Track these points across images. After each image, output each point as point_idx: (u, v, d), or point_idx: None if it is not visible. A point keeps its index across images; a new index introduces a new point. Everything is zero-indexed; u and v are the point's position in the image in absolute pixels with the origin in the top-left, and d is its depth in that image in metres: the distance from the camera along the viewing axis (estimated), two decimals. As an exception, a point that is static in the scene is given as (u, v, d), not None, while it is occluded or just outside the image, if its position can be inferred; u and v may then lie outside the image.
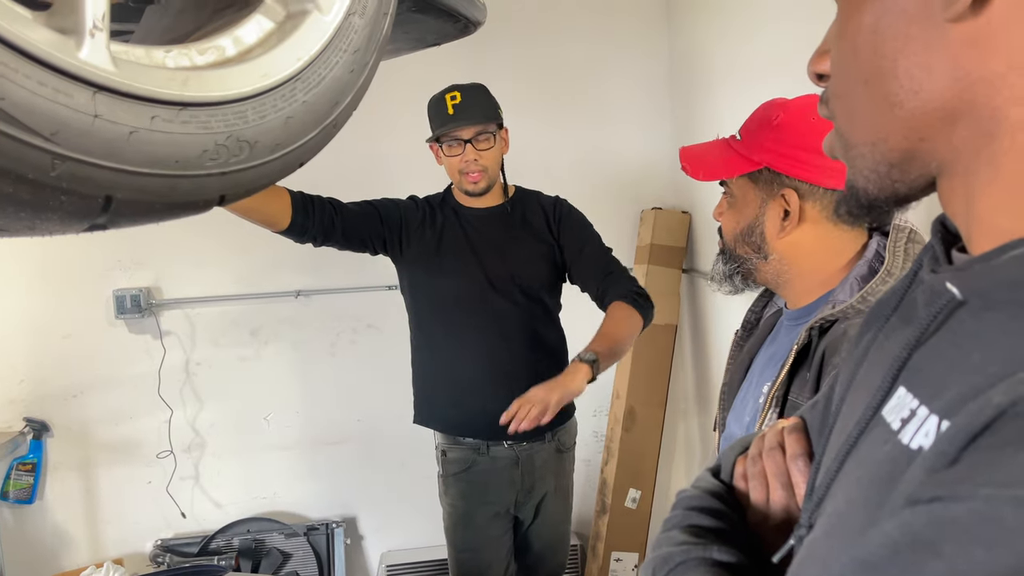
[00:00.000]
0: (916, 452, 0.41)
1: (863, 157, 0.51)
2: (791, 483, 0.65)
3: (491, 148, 2.05)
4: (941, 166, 0.48)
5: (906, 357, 0.48)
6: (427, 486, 2.85)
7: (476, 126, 2.02)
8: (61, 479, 2.91)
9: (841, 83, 0.52)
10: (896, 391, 0.48)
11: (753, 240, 1.17)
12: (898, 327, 0.55)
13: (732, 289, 1.23)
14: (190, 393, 2.97)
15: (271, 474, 3.04)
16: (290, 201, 1.93)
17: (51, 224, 0.57)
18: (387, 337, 3.02)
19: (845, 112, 0.52)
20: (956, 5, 0.42)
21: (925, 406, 0.43)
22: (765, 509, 0.66)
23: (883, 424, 0.47)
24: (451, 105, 2.02)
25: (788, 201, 1.12)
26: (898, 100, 0.47)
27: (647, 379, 2.95)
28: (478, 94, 2.06)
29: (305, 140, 0.75)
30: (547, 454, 2.18)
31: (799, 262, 1.15)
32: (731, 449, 0.74)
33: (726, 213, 1.22)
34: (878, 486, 0.43)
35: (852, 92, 0.51)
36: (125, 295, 2.85)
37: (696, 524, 0.66)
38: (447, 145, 2.05)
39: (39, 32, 0.51)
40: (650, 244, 2.97)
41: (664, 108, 3.12)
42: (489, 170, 2.06)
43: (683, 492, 0.73)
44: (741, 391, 1.25)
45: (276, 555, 2.89)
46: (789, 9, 2.09)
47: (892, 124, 0.48)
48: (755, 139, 1.15)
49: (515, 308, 2.11)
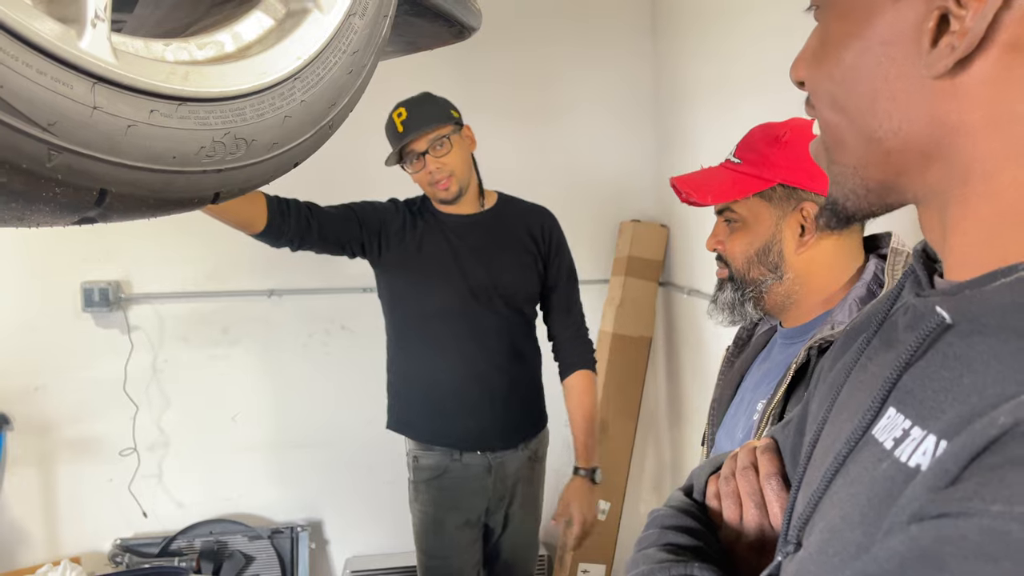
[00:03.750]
0: (915, 470, 0.41)
1: (844, 176, 0.53)
2: (764, 502, 0.66)
3: (449, 152, 2.01)
4: (917, 198, 0.51)
5: (895, 378, 0.49)
6: (394, 491, 2.83)
7: (427, 135, 1.98)
8: (20, 474, 2.84)
9: (820, 101, 0.54)
10: (886, 411, 0.48)
11: (770, 260, 1.16)
12: (881, 350, 0.56)
13: (740, 318, 1.21)
14: (156, 390, 2.91)
15: (236, 475, 3.00)
16: (265, 204, 1.89)
17: (42, 216, 0.55)
18: (360, 339, 2.99)
19: (829, 130, 0.54)
20: (939, 65, 0.44)
21: (919, 426, 0.43)
22: (739, 528, 0.67)
23: (874, 443, 0.48)
24: (399, 123, 1.99)
25: (808, 214, 1.13)
26: (878, 137, 0.49)
27: (620, 391, 2.96)
28: (423, 103, 2.03)
29: (301, 140, 0.74)
30: (520, 462, 2.18)
31: (812, 279, 1.15)
32: (703, 469, 0.74)
33: (732, 238, 1.20)
34: (875, 503, 0.44)
35: (832, 116, 0.53)
36: (94, 288, 2.79)
37: (673, 542, 0.66)
38: (408, 163, 2.03)
39: (40, 20, 0.50)
40: (628, 256, 2.98)
41: (646, 120, 3.14)
42: (457, 173, 2.03)
43: (656, 511, 0.73)
44: (732, 407, 1.25)
45: (239, 558, 2.85)
46: (772, 25, 2.11)
47: (872, 156, 0.50)
48: (762, 158, 1.16)
49: (495, 317, 2.10)
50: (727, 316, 1.22)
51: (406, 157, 2.02)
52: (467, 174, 2.07)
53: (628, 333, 2.95)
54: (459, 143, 2.04)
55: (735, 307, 1.20)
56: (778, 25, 2.07)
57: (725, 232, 1.22)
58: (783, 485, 0.66)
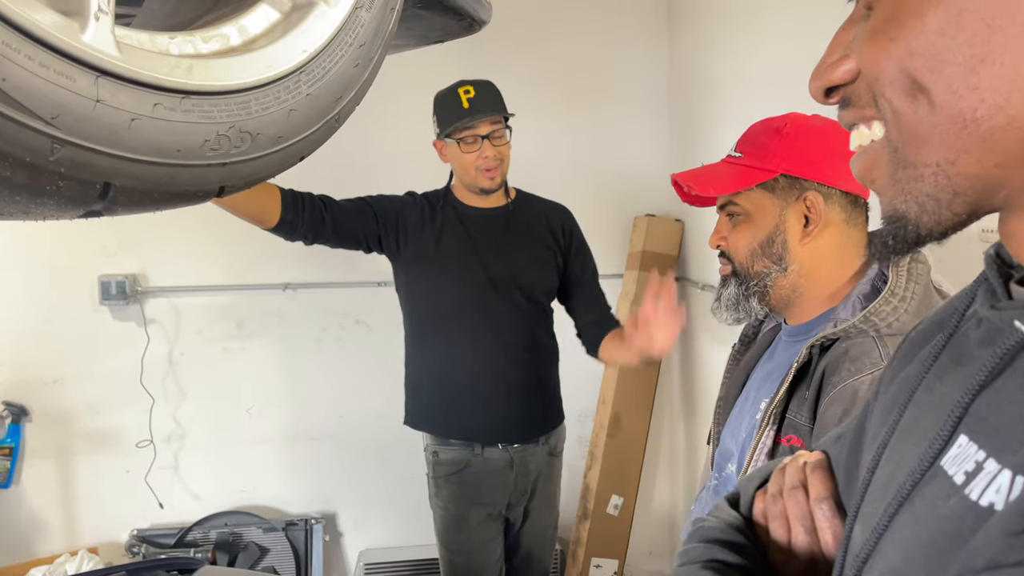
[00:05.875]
0: (987, 510, 0.38)
1: (921, 179, 0.43)
2: (815, 528, 0.62)
3: (505, 143, 2.02)
4: (1009, 198, 0.42)
5: (968, 402, 0.44)
6: (408, 486, 2.84)
7: (492, 120, 1.97)
8: (38, 465, 2.87)
9: (891, 88, 0.44)
10: (956, 440, 0.44)
11: (774, 251, 1.14)
12: (950, 367, 0.50)
13: (744, 315, 1.19)
14: (172, 383, 2.94)
15: (251, 467, 3.02)
16: (280, 198, 1.88)
17: (47, 209, 0.55)
18: (375, 334, 3.00)
19: (903, 124, 0.44)
20: None
21: (993, 459, 0.39)
22: (787, 550, 0.63)
23: (943, 476, 0.43)
24: (465, 99, 1.96)
25: (812, 204, 1.11)
26: (976, 116, 0.39)
27: (634, 386, 2.95)
28: (491, 89, 2.02)
29: (307, 133, 0.74)
30: (540, 457, 2.17)
31: (817, 271, 1.13)
32: (750, 479, 0.70)
33: (735, 232, 1.19)
34: (941, 545, 0.40)
35: (908, 104, 0.43)
36: (111, 281, 2.81)
37: (719, 559, 0.63)
38: (464, 141, 1.99)
39: (43, 13, 0.50)
40: (642, 250, 2.97)
41: (661, 115, 3.12)
42: (504, 165, 2.04)
43: (701, 521, 0.70)
44: (737, 406, 1.24)
45: (253, 549, 2.87)
46: (790, 20, 2.09)
47: (967, 142, 0.40)
48: (764, 150, 1.15)
49: (515, 311, 2.09)
50: (731, 313, 1.20)
51: (461, 135, 1.98)
52: (507, 170, 2.08)
53: (642, 328, 2.94)
54: (509, 139, 2.05)
55: (739, 303, 1.18)
56: (795, 20, 2.05)
57: (728, 227, 1.21)
58: (835, 510, 0.61)
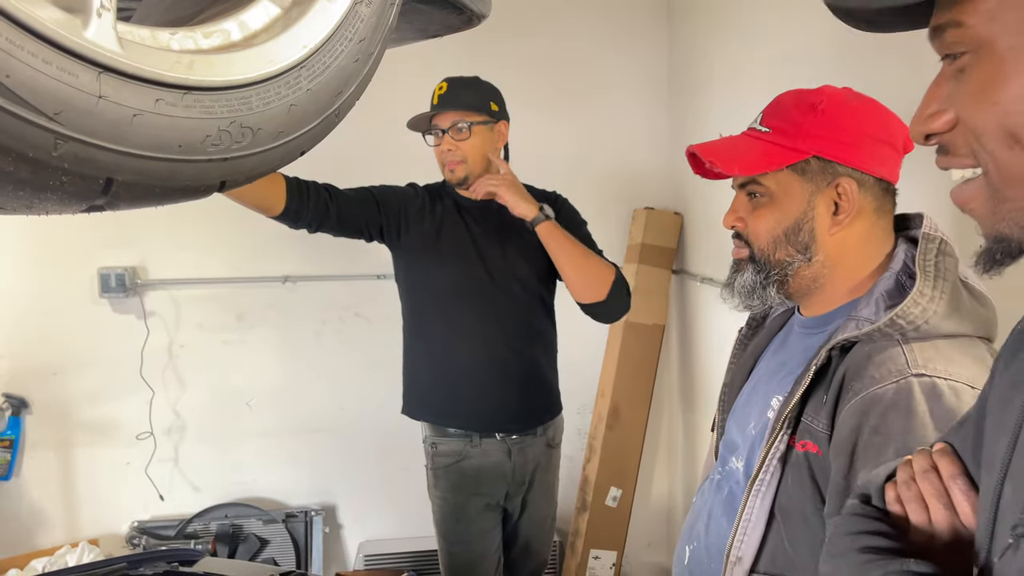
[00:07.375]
0: None
1: (1020, 210, 0.52)
2: (952, 503, 0.64)
3: (467, 139, 2.02)
4: None
5: None
6: (408, 477, 2.85)
7: (452, 116, 2.01)
8: (39, 457, 2.88)
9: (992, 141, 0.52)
10: None
11: (800, 239, 1.05)
12: None
13: (759, 303, 1.10)
14: (172, 375, 2.95)
15: (251, 459, 3.03)
16: (285, 186, 1.90)
17: (50, 204, 0.56)
18: (374, 326, 3.01)
19: (1004, 169, 0.52)
20: None
21: None
22: (928, 530, 0.65)
23: None
24: (436, 95, 2.03)
25: (844, 191, 1.02)
26: None
27: (633, 378, 2.96)
28: (467, 85, 2.04)
29: (308, 128, 0.74)
30: (538, 448, 2.18)
31: (843, 262, 1.06)
32: (877, 475, 0.72)
33: (756, 215, 1.09)
34: None
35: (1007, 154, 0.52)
36: (110, 273, 2.82)
37: (870, 545, 0.64)
38: (429, 135, 2.07)
39: (46, 10, 0.50)
40: (641, 243, 2.97)
41: (661, 108, 3.12)
42: (469, 161, 2.03)
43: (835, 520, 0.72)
44: (743, 394, 1.19)
45: (254, 541, 2.88)
46: (788, 13, 2.09)
47: None
48: (796, 127, 1.04)
49: (513, 301, 2.10)
50: (743, 300, 1.11)
51: (432, 129, 2.06)
52: (480, 166, 2.06)
53: (641, 321, 2.95)
54: (482, 134, 2.04)
55: (755, 291, 1.08)
56: (795, 14, 2.05)
57: (747, 208, 1.10)
58: (969, 485, 0.63)
